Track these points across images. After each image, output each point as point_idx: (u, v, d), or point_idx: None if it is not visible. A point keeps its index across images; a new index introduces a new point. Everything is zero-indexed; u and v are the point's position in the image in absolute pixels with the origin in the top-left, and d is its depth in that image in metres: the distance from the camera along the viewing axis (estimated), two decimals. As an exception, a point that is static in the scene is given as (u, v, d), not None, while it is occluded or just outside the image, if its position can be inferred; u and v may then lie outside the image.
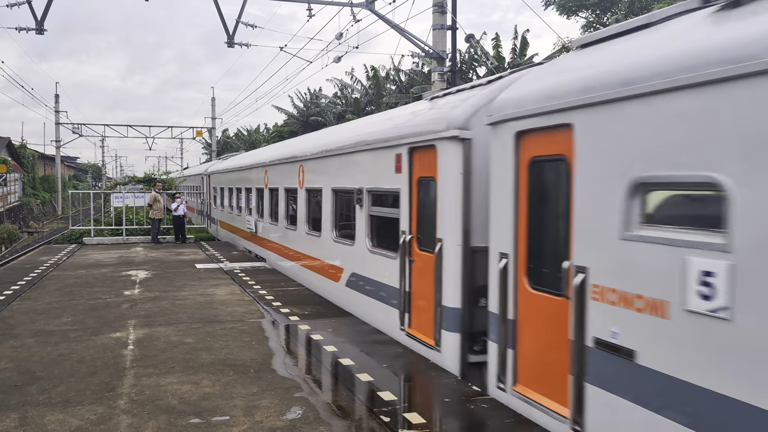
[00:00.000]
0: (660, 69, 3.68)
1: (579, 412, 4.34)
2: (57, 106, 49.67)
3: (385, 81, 36.51)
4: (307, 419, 4.95)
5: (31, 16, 16.88)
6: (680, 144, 3.54)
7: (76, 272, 13.21)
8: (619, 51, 4.40)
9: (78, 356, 6.75)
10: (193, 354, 6.84)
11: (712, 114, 3.34)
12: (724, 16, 3.56)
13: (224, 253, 16.92)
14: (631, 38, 4.43)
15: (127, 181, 30.14)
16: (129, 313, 9.03)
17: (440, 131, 6.36)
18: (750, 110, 3.15)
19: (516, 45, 30.04)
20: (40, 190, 51.21)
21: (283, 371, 6.23)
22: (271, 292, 10.74)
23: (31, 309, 9.29)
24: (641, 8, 27.61)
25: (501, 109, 5.34)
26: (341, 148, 9.41)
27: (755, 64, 3.09)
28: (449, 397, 5.53)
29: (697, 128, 3.44)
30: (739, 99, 3.20)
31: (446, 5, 15.20)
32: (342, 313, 8.97)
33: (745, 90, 3.16)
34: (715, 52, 3.35)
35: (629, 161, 3.93)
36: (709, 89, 3.36)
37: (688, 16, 3.99)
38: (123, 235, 20.38)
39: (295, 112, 42.98)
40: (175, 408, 5.20)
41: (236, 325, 8.21)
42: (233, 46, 18.18)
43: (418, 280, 6.94)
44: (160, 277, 12.58)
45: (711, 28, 3.58)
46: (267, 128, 55.99)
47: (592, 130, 4.27)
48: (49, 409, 5.19)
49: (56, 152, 51.29)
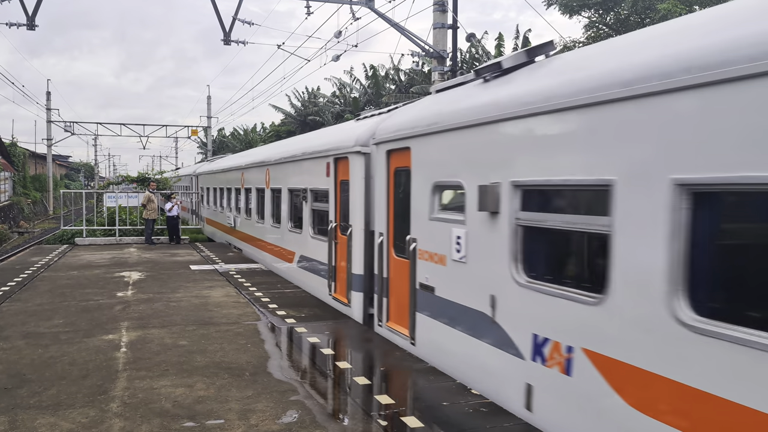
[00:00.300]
0: (450, 116, 6.10)
1: (413, 330, 6.83)
2: (48, 104, 49.30)
3: (384, 80, 36.47)
4: (303, 423, 4.87)
5: (22, 12, 16.69)
6: (450, 162, 6.07)
7: (68, 273, 13.06)
8: (434, 100, 7.03)
9: (69, 359, 6.63)
10: (188, 357, 6.73)
11: (463, 146, 5.83)
12: (483, 85, 5.93)
13: (219, 255, 16.79)
14: (449, 91, 6.81)
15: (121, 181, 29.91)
16: (122, 315, 8.91)
17: (350, 147, 8.61)
18: (476, 141, 5.61)
19: (518, 45, 30.08)
20: (30, 190, 50.84)
21: (279, 374, 6.14)
22: (266, 294, 10.64)
23: (22, 310, 9.15)
24: (645, 7, 27.56)
25: (379, 134, 7.72)
26: (294, 156, 11.62)
27: (489, 117, 5.39)
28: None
29: (456, 153, 5.96)
30: (472, 136, 5.68)
31: (447, 4, 15.15)
32: (338, 316, 8.89)
33: (478, 131, 5.59)
34: (472, 109, 5.77)
35: (433, 171, 6.38)
36: (466, 132, 5.79)
37: (471, 84, 6.32)
38: (116, 236, 20.19)
39: (292, 112, 42.90)
40: (169, 411, 5.10)
41: (231, 328, 8.10)
42: (230, 43, 18.07)
43: (339, 257, 9.26)
44: (154, 278, 12.45)
45: (474, 90, 6.04)
46: (264, 127, 55.81)
47: (418, 151, 6.73)
48: (39, 412, 5.08)
49: (47, 151, 50.82)
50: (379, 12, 15.94)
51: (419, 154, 6.66)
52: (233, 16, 17.98)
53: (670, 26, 4.22)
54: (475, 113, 5.63)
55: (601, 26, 30.41)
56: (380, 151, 7.65)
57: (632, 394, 3.86)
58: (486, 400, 5.38)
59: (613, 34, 28.05)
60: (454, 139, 5.95)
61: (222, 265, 14.40)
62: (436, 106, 6.63)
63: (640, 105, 3.85)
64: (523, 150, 4.99)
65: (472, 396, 5.50)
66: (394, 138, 7.25)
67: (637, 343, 3.82)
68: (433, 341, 6.43)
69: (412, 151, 6.80)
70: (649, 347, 3.74)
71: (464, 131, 5.78)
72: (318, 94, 42.95)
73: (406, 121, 7.13)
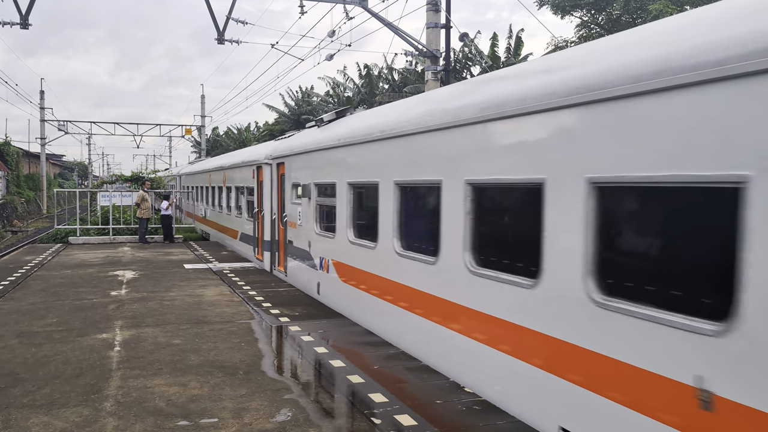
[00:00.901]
0: (298, 146, 10.94)
1: (286, 268, 11.78)
2: (42, 103, 49.02)
3: (377, 80, 36.42)
4: (297, 421, 4.88)
5: (16, 11, 16.61)
6: (298, 171, 10.84)
7: (62, 272, 13.03)
8: (296, 135, 12.23)
9: (63, 358, 6.63)
10: (181, 355, 6.74)
11: (302, 162, 10.63)
12: (317, 129, 10.52)
13: (213, 254, 16.78)
14: (305, 130, 11.75)
15: (114, 180, 29.82)
16: (116, 313, 8.90)
17: (263, 159, 13.33)
18: (305, 160, 10.49)
19: (510, 44, 30.10)
20: (24, 189, 50.57)
21: (272, 373, 6.16)
22: (260, 293, 10.65)
23: (15, 309, 9.13)
24: (636, 8, 27.65)
25: (273, 153, 12.76)
26: (237, 163, 16.58)
27: (311, 148, 10.15)
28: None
29: (300, 166, 10.78)
30: (305, 158, 10.49)
31: (440, 3, 15.17)
32: (332, 314, 8.91)
33: (307, 156, 10.39)
34: (306, 143, 10.51)
35: (294, 176, 11.01)
36: (303, 155, 10.59)
37: (314, 128, 10.96)
38: (110, 235, 20.13)
39: (286, 111, 42.79)
40: (163, 410, 5.11)
41: (225, 327, 8.11)
42: (223, 42, 18.04)
43: (259, 231, 14.08)
44: (148, 277, 12.44)
45: (312, 131, 10.75)
46: (258, 127, 55.64)
47: (287, 165, 11.54)
48: (33, 411, 5.08)
49: (41, 150, 50.59)
50: (372, 11, 15.95)
51: (288, 166, 11.60)
52: (227, 15, 17.95)
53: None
54: (307, 146, 10.38)
55: (593, 26, 30.49)
56: (273, 164, 12.74)
57: (342, 274, 8.77)
58: (479, 398, 5.42)
59: (604, 33, 28.15)
60: (299, 159, 10.90)
61: (216, 264, 14.39)
62: (292, 140, 12.00)
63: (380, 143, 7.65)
64: (321, 167, 9.66)
65: (465, 394, 5.54)
66: (278, 156, 12.34)
67: (341, 251, 8.74)
68: (293, 271, 11.43)
69: (285, 164, 11.80)
70: (342, 250, 8.69)
71: (302, 155, 10.68)
72: (312, 94, 42.86)
73: (283, 146, 12.12)
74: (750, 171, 3.09)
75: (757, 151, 3.06)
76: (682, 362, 3.45)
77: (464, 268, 5.58)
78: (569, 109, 4.32)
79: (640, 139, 3.73)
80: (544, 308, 4.61)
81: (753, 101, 3.08)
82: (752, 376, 3.07)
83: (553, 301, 4.51)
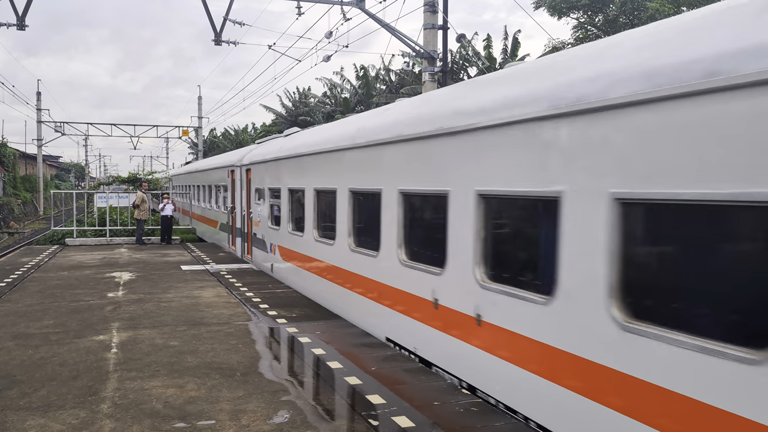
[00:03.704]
0: (258, 156, 13.86)
1: (252, 255, 14.56)
2: (39, 104, 48.95)
3: (375, 81, 36.42)
4: (295, 423, 4.88)
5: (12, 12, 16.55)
6: (260, 177, 13.58)
7: (59, 274, 12.99)
8: (262, 145, 15.28)
9: (60, 359, 6.61)
10: (179, 357, 6.72)
11: (261, 170, 13.53)
12: (284, 140, 12.89)
13: (210, 255, 16.75)
14: (269, 141, 15.47)
15: (111, 181, 29.78)
16: (113, 315, 8.88)
17: (238, 163, 15.72)
18: (263, 169, 13.43)
19: (507, 45, 30.13)
20: (21, 190, 50.42)
21: (270, 374, 6.15)
22: (258, 294, 10.64)
23: (12, 311, 9.10)
24: (633, 8, 27.67)
25: (243, 159, 15.26)
26: (215, 166, 19.58)
27: (270, 158, 12.83)
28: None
29: (261, 174, 13.52)
30: (264, 166, 13.30)
31: (437, 4, 15.18)
32: (330, 316, 8.91)
33: (266, 164, 13.21)
34: (265, 152, 13.51)
35: (258, 181, 13.71)
36: (263, 164, 13.34)
37: (278, 138, 14.40)
38: (107, 236, 20.09)
39: (283, 112, 42.77)
40: (160, 412, 5.10)
41: (222, 328, 8.10)
42: (221, 43, 18.03)
43: (233, 224, 16.63)
44: (145, 278, 12.41)
45: (276, 142, 13.69)
46: (255, 128, 55.59)
47: (253, 171, 14.31)
48: (29, 413, 5.07)
49: (38, 151, 50.45)
50: (369, 12, 15.95)
51: (253, 172, 14.19)
52: (224, 17, 17.94)
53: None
54: (265, 155, 13.07)
55: (590, 27, 30.51)
56: (243, 169, 15.24)
57: (283, 254, 11.70)
58: (477, 399, 5.42)
59: (602, 35, 28.17)
60: (259, 167, 13.53)
61: (213, 266, 14.37)
62: (258, 149, 14.53)
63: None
64: (272, 174, 12.41)
65: (463, 395, 5.54)
66: (246, 162, 14.82)
67: (283, 239, 11.61)
68: (256, 258, 14.02)
69: (251, 170, 14.40)
70: (284, 238, 11.61)
71: (261, 164, 13.34)
72: (309, 95, 42.84)
73: (251, 154, 14.70)
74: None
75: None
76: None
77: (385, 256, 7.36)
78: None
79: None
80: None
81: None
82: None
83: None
